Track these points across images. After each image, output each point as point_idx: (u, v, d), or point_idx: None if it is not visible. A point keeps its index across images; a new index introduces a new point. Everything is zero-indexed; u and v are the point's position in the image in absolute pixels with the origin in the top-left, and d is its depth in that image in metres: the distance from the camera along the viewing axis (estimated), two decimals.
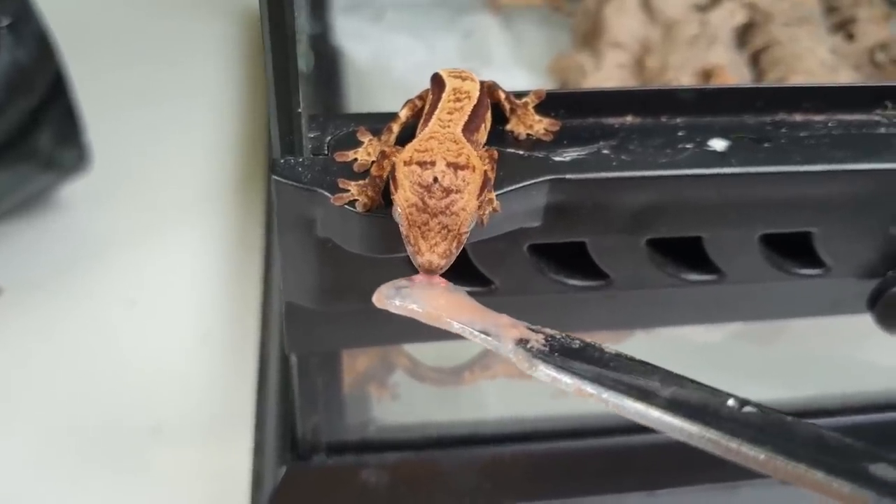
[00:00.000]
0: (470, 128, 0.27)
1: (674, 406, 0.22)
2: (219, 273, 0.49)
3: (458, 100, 0.28)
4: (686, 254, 0.32)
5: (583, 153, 0.30)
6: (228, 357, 0.44)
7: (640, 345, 0.39)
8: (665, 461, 0.38)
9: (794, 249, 0.33)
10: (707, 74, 0.49)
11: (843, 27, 0.51)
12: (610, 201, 0.30)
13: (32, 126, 0.47)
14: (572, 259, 0.31)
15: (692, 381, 0.23)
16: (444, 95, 0.28)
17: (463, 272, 0.30)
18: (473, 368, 0.40)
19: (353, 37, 0.61)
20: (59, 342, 0.45)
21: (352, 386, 0.39)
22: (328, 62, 0.58)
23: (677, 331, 0.38)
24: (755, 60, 0.50)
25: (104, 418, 0.42)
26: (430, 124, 0.27)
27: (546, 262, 0.32)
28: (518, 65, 0.59)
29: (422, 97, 0.30)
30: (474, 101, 0.28)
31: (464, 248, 0.30)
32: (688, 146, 0.31)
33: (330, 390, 0.37)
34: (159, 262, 0.49)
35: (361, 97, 0.56)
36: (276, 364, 0.41)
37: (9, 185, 0.48)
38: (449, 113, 0.27)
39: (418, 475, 0.37)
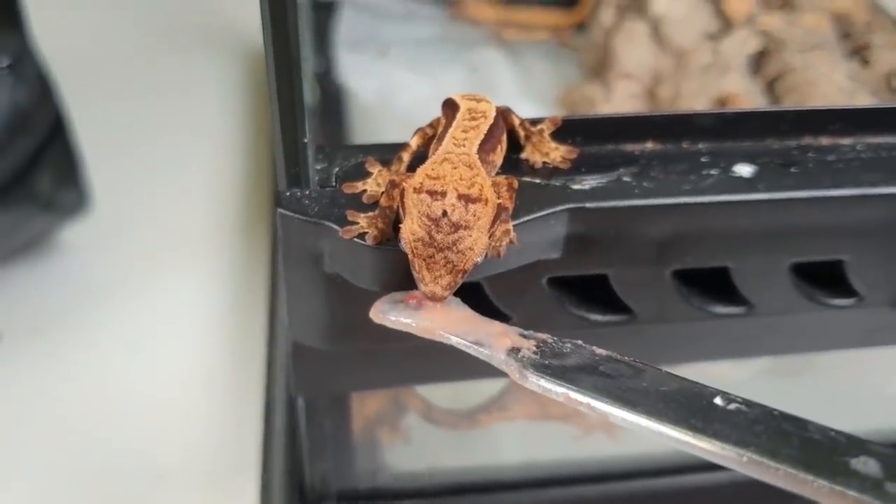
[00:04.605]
0: (486, 147, 0.26)
1: (660, 412, 0.22)
2: (222, 316, 0.47)
3: (474, 118, 0.27)
4: (713, 286, 0.31)
5: (603, 181, 0.28)
6: (233, 402, 0.43)
7: None
8: None
9: (825, 279, 0.31)
10: (721, 102, 0.48)
11: (858, 53, 0.50)
12: (633, 231, 0.28)
13: (32, 167, 0.46)
14: (594, 293, 0.30)
15: (680, 379, 0.23)
16: (459, 115, 0.27)
17: (479, 307, 0.28)
18: (490, 410, 0.38)
19: (358, 73, 0.60)
20: (59, 388, 0.43)
21: (362, 430, 0.37)
22: (332, 99, 0.57)
23: (705, 368, 0.37)
24: (770, 88, 0.49)
25: (106, 466, 0.40)
26: (445, 143, 0.26)
27: (566, 296, 0.30)
28: (526, 98, 0.58)
29: (433, 125, 0.29)
30: (490, 121, 0.27)
31: (479, 283, 0.29)
32: (712, 172, 0.29)
33: (339, 435, 0.35)
34: (162, 306, 0.48)
35: (366, 133, 0.55)
36: (282, 408, 0.40)
37: (8, 227, 0.47)
38: (464, 131, 0.26)
39: None
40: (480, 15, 0.66)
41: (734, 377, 0.39)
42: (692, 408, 0.22)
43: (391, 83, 0.60)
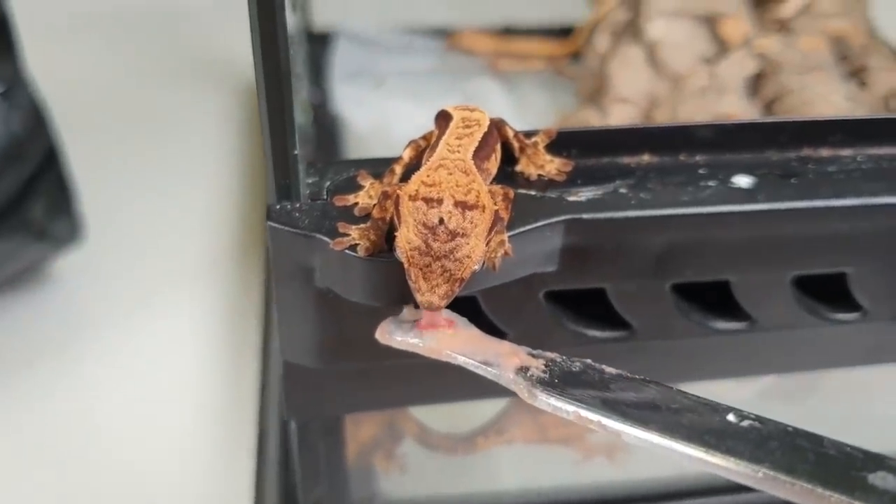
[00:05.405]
0: (480, 155, 0.26)
1: (673, 429, 0.22)
2: (216, 345, 0.47)
3: (468, 126, 0.26)
4: (713, 300, 0.30)
5: (599, 192, 0.28)
6: (227, 429, 0.42)
7: None
8: None
9: (828, 293, 0.31)
10: None
11: (856, 75, 0.50)
12: (630, 243, 0.28)
13: (25, 196, 0.46)
14: (591, 307, 0.29)
15: (692, 396, 0.23)
16: (453, 123, 0.27)
17: (474, 323, 0.28)
18: (488, 433, 0.37)
19: (353, 103, 0.60)
20: (51, 417, 0.43)
21: (356, 457, 0.37)
22: (328, 130, 0.57)
23: (705, 388, 0.36)
24: (768, 109, 0.49)
25: (98, 494, 0.39)
26: (439, 150, 0.25)
27: (563, 311, 0.29)
28: (522, 127, 0.57)
29: (426, 137, 0.28)
30: (484, 129, 0.27)
31: (475, 297, 0.28)
32: (710, 183, 0.29)
33: (333, 461, 0.34)
34: (155, 336, 0.47)
35: None
36: (275, 436, 0.39)
37: (1, 257, 0.46)
38: (458, 138, 0.26)
39: None
40: (476, 46, 0.66)
41: (734, 397, 0.38)
42: (705, 425, 0.22)
43: (387, 114, 0.59)
